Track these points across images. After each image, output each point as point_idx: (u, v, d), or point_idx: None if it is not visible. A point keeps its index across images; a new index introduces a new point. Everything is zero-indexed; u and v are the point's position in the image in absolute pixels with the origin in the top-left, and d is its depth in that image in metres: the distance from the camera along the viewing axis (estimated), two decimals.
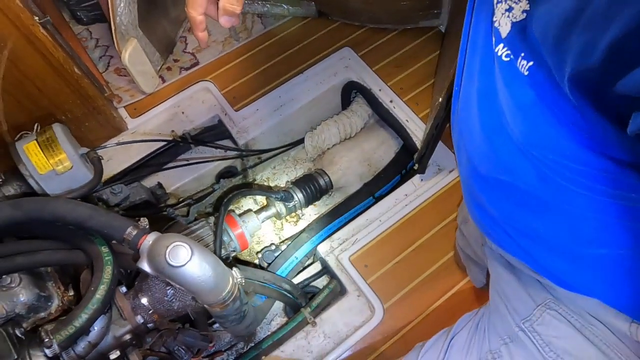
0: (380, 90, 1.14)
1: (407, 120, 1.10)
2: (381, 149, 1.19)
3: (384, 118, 1.16)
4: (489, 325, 0.57)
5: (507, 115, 0.36)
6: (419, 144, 1.06)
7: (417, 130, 1.09)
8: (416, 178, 1.04)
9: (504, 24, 0.32)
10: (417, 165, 1.02)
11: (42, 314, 0.61)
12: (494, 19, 0.33)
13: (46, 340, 0.55)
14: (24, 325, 0.60)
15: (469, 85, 0.43)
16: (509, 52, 0.32)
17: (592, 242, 0.41)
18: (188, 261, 0.55)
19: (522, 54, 0.31)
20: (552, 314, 0.50)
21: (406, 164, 1.17)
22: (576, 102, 0.28)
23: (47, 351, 0.55)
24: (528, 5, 0.29)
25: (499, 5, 0.33)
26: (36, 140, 0.72)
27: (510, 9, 0.31)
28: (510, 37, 0.32)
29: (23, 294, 0.59)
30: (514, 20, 0.31)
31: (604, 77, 0.25)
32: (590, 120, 0.28)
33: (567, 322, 0.49)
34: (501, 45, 0.33)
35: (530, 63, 0.30)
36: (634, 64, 0.23)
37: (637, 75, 0.23)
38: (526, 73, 0.31)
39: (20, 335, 0.58)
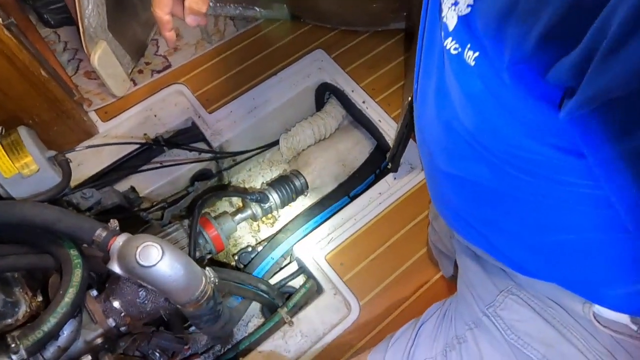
0: (353, 91, 1.15)
1: (379, 121, 1.12)
2: (356, 150, 1.20)
3: (358, 119, 1.18)
4: (456, 313, 0.59)
5: (457, 108, 0.38)
6: (391, 144, 1.08)
7: (390, 130, 1.11)
8: (390, 177, 1.06)
9: (450, 18, 0.33)
10: (390, 164, 1.04)
11: (9, 321, 0.60)
12: (442, 14, 0.35)
13: (13, 345, 0.53)
14: None
15: (427, 82, 0.45)
16: (457, 45, 0.33)
17: (547, 230, 0.43)
18: (159, 261, 0.55)
19: (469, 45, 0.32)
20: (514, 299, 0.52)
21: (380, 163, 1.19)
22: (516, 92, 0.30)
23: (14, 357, 0.54)
24: (472, 0, 0.31)
25: (445, 0, 0.34)
26: (0, 143, 0.70)
27: (456, 3, 0.33)
28: (456, 29, 0.33)
29: None
30: (460, 14, 0.32)
31: (536, 68, 0.26)
32: (531, 109, 0.30)
33: (528, 306, 0.51)
34: (449, 38, 0.34)
35: (477, 54, 0.32)
36: (560, 55, 0.24)
37: (562, 66, 0.24)
38: (473, 63, 0.32)
39: None
